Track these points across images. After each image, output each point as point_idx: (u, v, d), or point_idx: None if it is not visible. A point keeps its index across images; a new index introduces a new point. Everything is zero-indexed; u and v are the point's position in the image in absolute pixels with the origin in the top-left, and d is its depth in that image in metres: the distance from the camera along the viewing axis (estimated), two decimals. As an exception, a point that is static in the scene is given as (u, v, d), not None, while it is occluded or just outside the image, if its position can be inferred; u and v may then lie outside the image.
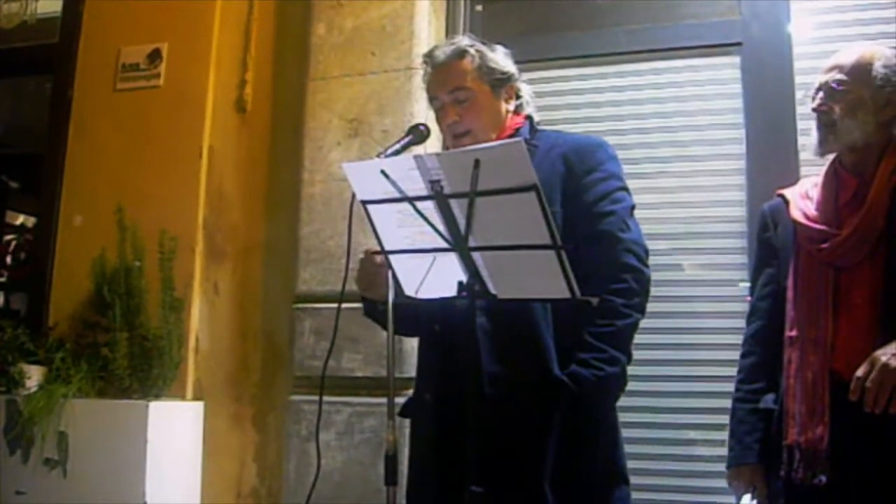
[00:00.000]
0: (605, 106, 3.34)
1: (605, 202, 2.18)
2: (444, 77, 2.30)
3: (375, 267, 2.14)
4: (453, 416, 1.98)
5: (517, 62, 2.40)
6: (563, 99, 3.38)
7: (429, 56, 2.36)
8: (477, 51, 2.30)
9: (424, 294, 1.97)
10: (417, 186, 1.79)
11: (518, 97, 2.37)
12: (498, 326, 2.11)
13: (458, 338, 1.94)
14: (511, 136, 2.26)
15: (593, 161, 2.22)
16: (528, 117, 2.37)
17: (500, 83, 2.31)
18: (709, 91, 3.24)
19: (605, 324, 2.09)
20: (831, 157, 2.33)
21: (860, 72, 2.23)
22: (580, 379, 2.05)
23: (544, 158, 2.20)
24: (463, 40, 2.35)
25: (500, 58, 2.33)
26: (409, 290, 1.99)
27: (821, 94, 2.27)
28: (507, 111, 2.33)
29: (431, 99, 2.36)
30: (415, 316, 2.20)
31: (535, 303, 2.10)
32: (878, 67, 2.23)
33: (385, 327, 2.31)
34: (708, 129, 3.21)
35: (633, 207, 2.24)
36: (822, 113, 2.26)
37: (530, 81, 2.46)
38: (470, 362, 1.88)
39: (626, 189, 2.25)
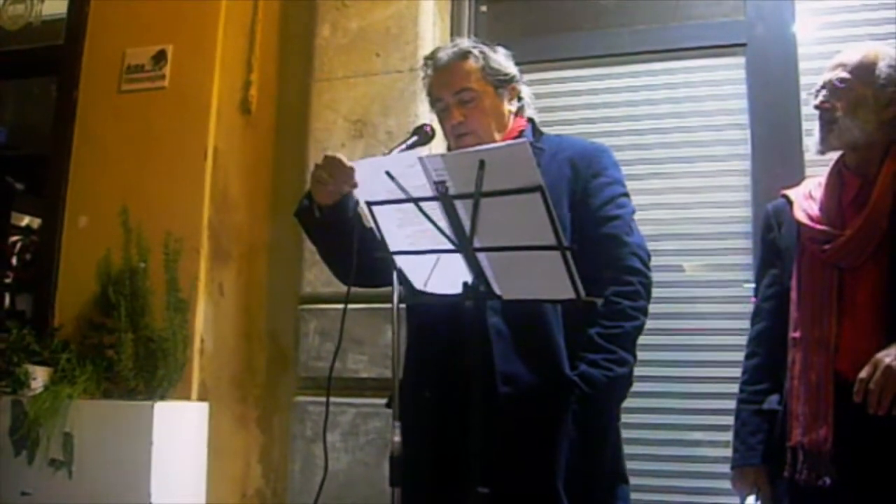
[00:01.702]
0: (609, 106, 3.35)
1: (611, 206, 2.20)
2: (448, 78, 2.30)
3: (342, 166, 2.10)
4: (455, 415, 1.98)
5: (522, 63, 2.41)
6: (566, 99, 3.38)
7: (431, 58, 2.36)
8: (480, 52, 2.30)
9: (431, 289, 1.97)
10: (420, 184, 1.80)
11: (519, 99, 2.37)
12: (512, 326, 2.11)
13: (467, 337, 1.94)
14: (515, 138, 2.27)
15: (599, 166, 2.25)
16: (531, 120, 2.38)
17: (503, 84, 2.31)
18: (714, 92, 3.24)
19: (614, 325, 2.10)
20: (835, 157, 2.33)
21: (864, 70, 2.23)
22: (591, 380, 2.06)
23: (551, 162, 2.21)
24: (465, 42, 2.36)
25: (503, 59, 2.33)
26: (417, 285, 1.99)
27: (824, 91, 2.27)
28: (510, 112, 2.34)
29: (435, 101, 2.36)
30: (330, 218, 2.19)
31: (544, 303, 2.11)
32: (882, 67, 2.23)
33: (312, 237, 2.32)
34: (712, 129, 3.21)
35: (633, 213, 2.26)
36: (824, 110, 2.26)
37: (535, 82, 2.47)
38: (479, 362, 1.88)
39: (628, 195, 2.27)
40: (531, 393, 2.08)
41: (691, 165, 3.21)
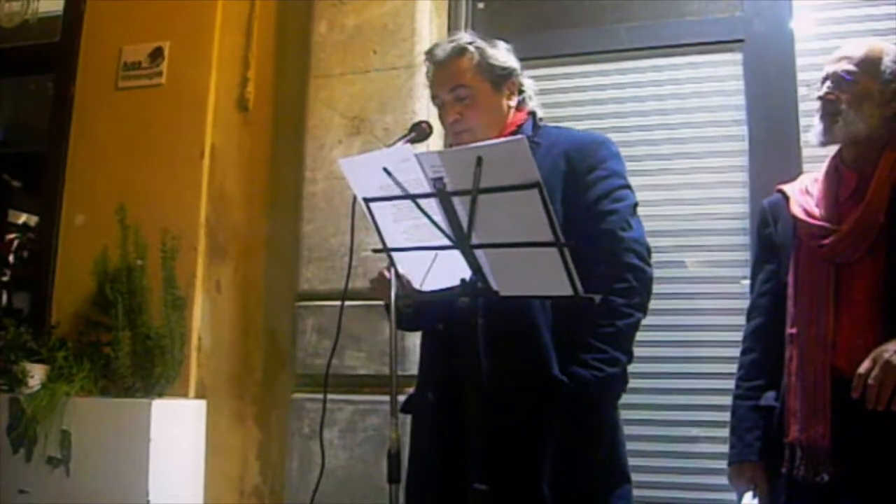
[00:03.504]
0: (607, 103, 3.35)
1: (607, 201, 2.17)
2: (444, 75, 2.30)
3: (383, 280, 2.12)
4: (455, 414, 1.98)
5: (519, 59, 2.40)
6: (564, 96, 3.38)
7: (429, 53, 2.35)
8: (477, 48, 2.29)
9: (429, 286, 1.97)
10: (415, 178, 1.79)
11: (521, 92, 2.36)
12: (497, 327, 2.09)
13: (460, 337, 1.94)
14: (513, 132, 2.26)
15: (595, 159, 2.21)
16: (531, 113, 2.36)
17: (501, 79, 2.30)
18: (711, 88, 3.24)
19: (606, 324, 2.08)
20: (832, 152, 2.33)
21: (869, 64, 2.23)
22: (580, 379, 2.05)
23: (546, 156, 2.18)
24: (463, 37, 2.34)
25: (501, 53, 2.32)
26: (414, 283, 1.99)
27: (828, 83, 2.27)
28: (509, 107, 2.32)
29: (433, 97, 2.36)
30: (416, 311, 2.19)
31: (535, 303, 2.09)
32: (887, 62, 2.23)
33: (412, 329, 2.32)
34: (710, 126, 3.21)
35: (635, 205, 2.22)
36: (828, 102, 2.26)
37: (532, 78, 2.45)
38: (470, 361, 1.88)
39: (628, 187, 2.23)
40: (514, 394, 2.07)
41: (688, 162, 3.21)
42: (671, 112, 3.26)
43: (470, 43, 2.30)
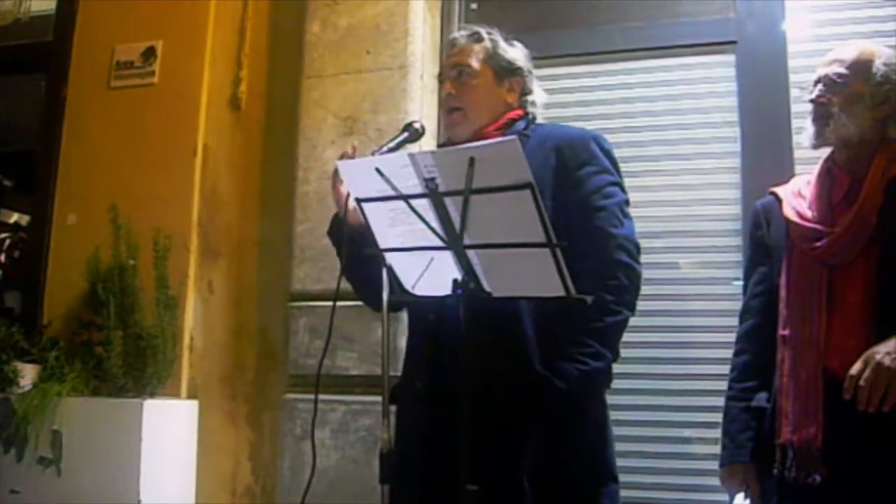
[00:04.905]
0: (599, 104, 3.35)
1: (597, 197, 2.18)
2: (454, 55, 2.37)
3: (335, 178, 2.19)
4: (444, 406, 1.98)
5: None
6: (557, 97, 3.35)
7: (451, 40, 2.46)
8: (492, 39, 2.37)
9: (422, 291, 1.97)
10: (412, 184, 1.79)
11: (525, 94, 2.38)
12: (480, 322, 2.09)
13: (448, 331, 1.94)
14: (505, 124, 2.30)
15: (587, 154, 2.22)
16: (526, 112, 2.37)
17: (506, 72, 2.35)
18: (703, 89, 3.24)
19: (594, 319, 2.08)
20: (825, 155, 2.34)
21: (861, 67, 2.24)
22: (564, 374, 2.05)
23: (537, 150, 2.18)
24: (483, 27, 2.41)
25: (514, 51, 2.38)
26: (407, 286, 1.99)
27: (820, 85, 2.28)
28: (508, 102, 2.35)
29: (439, 75, 2.44)
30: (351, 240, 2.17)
31: (523, 299, 2.09)
32: (878, 65, 2.24)
33: (341, 255, 2.28)
34: (702, 127, 3.21)
35: (626, 202, 2.23)
36: (820, 105, 2.27)
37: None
38: (457, 357, 1.87)
39: (619, 184, 2.24)
40: (496, 389, 2.03)
41: (680, 163, 3.21)
42: (663, 113, 3.26)
43: (487, 33, 2.38)
